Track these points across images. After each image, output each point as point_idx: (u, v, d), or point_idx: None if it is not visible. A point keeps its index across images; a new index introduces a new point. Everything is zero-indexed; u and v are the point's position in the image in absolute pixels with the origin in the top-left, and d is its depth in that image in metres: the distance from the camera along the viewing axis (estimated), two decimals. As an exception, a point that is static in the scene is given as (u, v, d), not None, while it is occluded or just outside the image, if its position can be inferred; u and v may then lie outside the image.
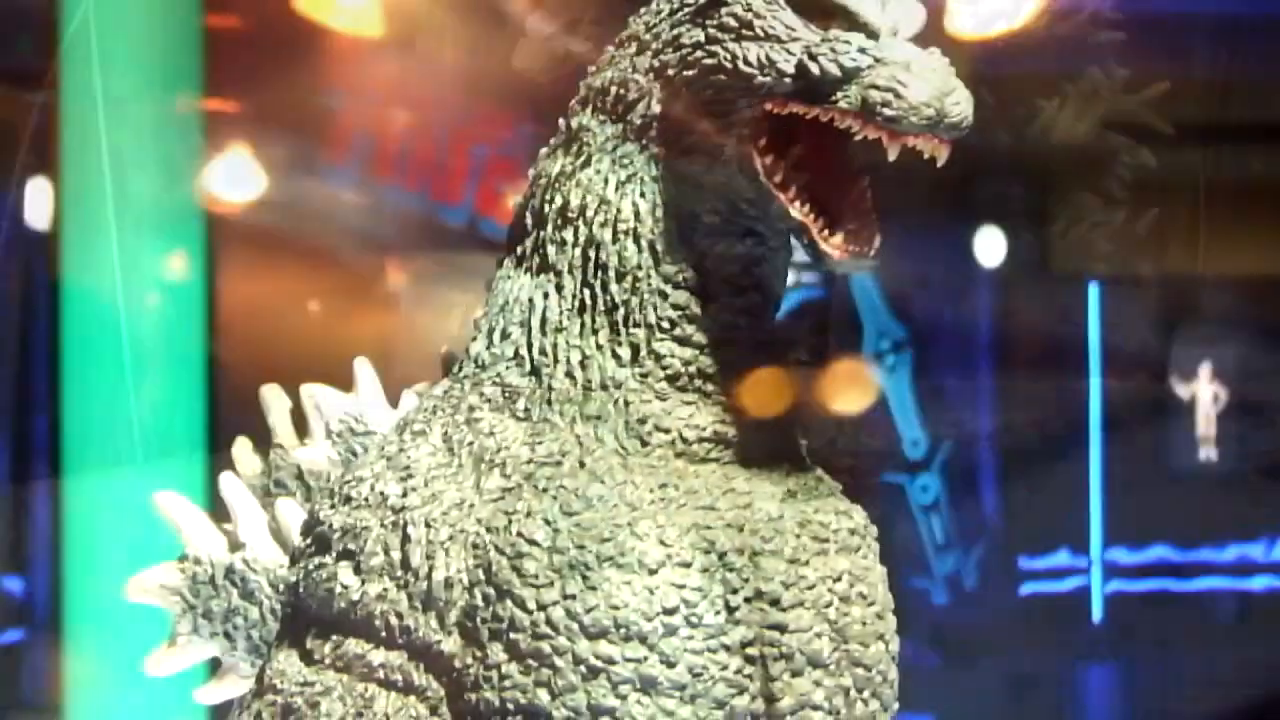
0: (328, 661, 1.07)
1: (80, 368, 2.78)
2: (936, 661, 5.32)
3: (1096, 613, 5.35)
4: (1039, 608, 5.00)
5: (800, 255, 1.15)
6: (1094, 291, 5.17)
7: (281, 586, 1.17)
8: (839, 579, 1.11)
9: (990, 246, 4.90)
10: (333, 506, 1.11)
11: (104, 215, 2.80)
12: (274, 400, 1.27)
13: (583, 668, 1.03)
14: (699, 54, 1.10)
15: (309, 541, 1.12)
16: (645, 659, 1.04)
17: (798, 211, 1.08)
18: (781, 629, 1.08)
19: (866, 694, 1.11)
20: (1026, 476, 5.02)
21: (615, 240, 1.11)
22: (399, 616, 1.06)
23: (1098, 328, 5.16)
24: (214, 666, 1.28)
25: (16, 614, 3.80)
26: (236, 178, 3.49)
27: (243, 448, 1.28)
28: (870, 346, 4.88)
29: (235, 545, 1.21)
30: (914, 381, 5.00)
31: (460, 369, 1.16)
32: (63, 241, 2.89)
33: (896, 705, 1.18)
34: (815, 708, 1.08)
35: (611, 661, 1.04)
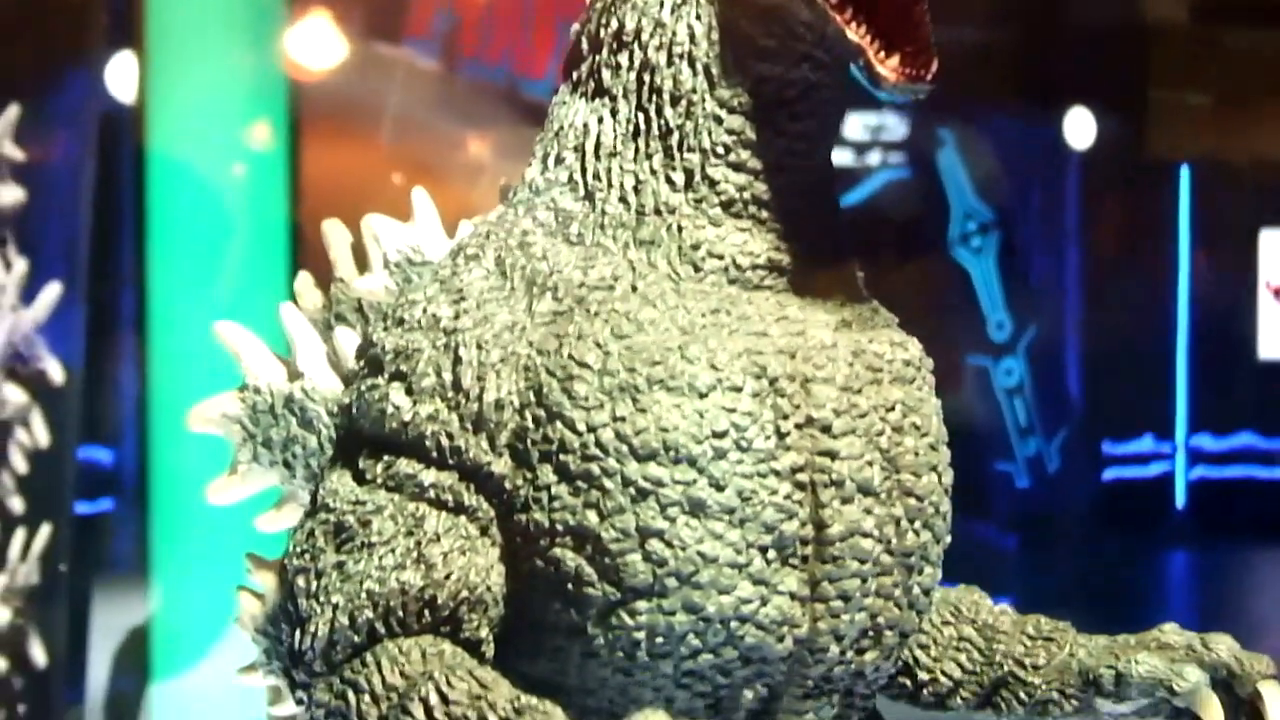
0: (379, 481, 1.08)
1: (166, 239, 2.80)
2: (1016, 544, 5.31)
3: (1179, 499, 5.33)
4: (1121, 493, 4.99)
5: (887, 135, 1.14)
6: (1185, 176, 5.11)
7: (336, 409, 1.18)
8: (892, 409, 1.10)
9: (1080, 129, 4.84)
10: (386, 329, 1.11)
11: (189, 86, 2.81)
12: (335, 235, 1.27)
13: (631, 489, 1.04)
14: None
15: (362, 364, 1.12)
16: (694, 482, 1.04)
17: (853, 34, 1.07)
18: (832, 456, 1.07)
19: (918, 524, 1.10)
20: (1112, 361, 4.98)
21: (670, 64, 1.10)
22: (450, 437, 1.06)
23: (1188, 213, 5.10)
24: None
25: (106, 483, 3.86)
26: (320, 48, 3.49)
27: (305, 283, 1.28)
28: (956, 229, 4.84)
29: (294, 374, 1.22)
30: (1000, 264, 4.96)
31: (515, 194, 1.16)
32: (148, 113, 2.91)
33: (949, 538, 1.17)
34: (865, 535, 1.07)
35: (660, 484, 1.04)
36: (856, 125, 4.81)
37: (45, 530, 2.19)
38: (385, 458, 1.08)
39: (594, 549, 1.04)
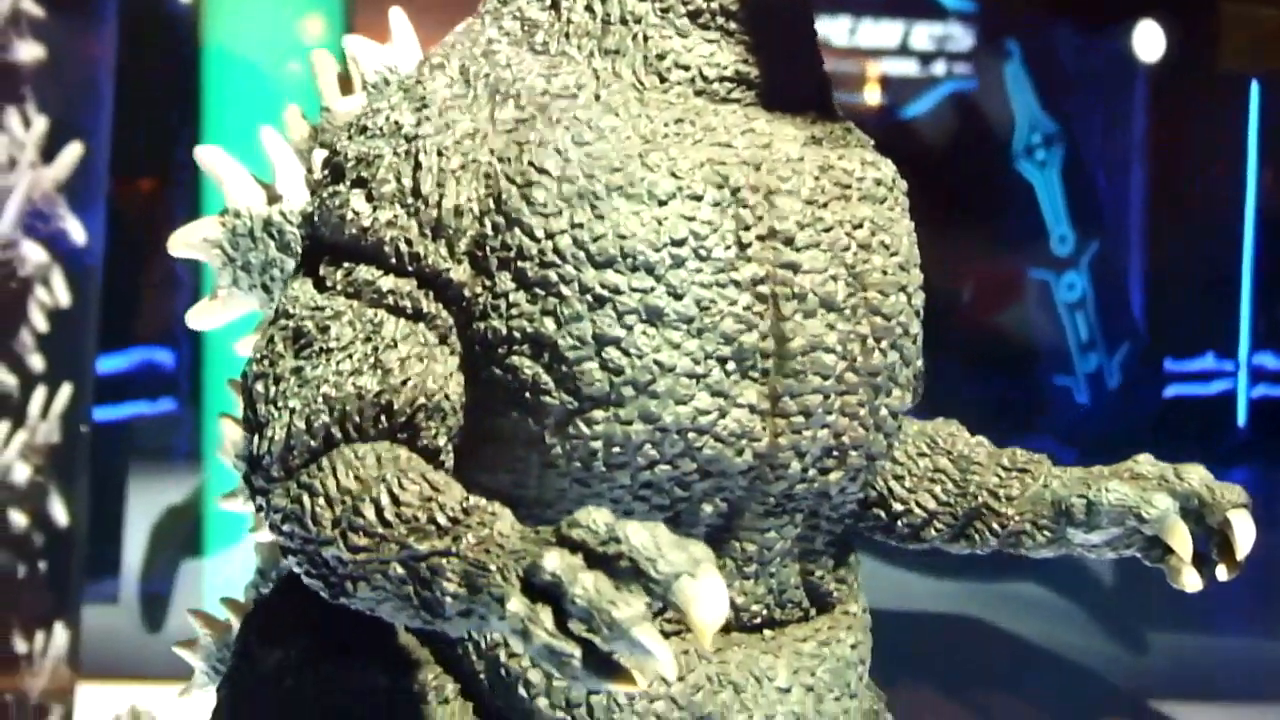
0: (339, 287, 1.07)
1: (223, 135, 2.81)
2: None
3: (1241, 417, 5.27)
4: (1182, 410, 4.94)
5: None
6: (1255, 91, 5.03)
7: (300, 219, 1.17)
8: (859, 226, 1.08)
9: (1149, 41, 4.77)
10: (350, 137, 1.11)
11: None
12: (323, 64, 1.27)
13: (589, 297, 1.03)
14: None
15: (325, 172, 1.12)
16: (652, 290, 1.03)
17: None
18: (794, 269, 1.06)
19: (885, 344, 1.09)
20: (1175, 278, 4.93)
21: None
22: (408, 243, 1.05)
23: (1257, 128, 5.02)
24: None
25: (168, 384, 3.89)
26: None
27: (293, 114, 1.27)
28: (1021, 140, 4.79)
29: (274, 198, 1.22)
30: (1064, 177, 4.91)
31: (484, 5, 1.15)
32: (206, 11, 2.91)
33: (920, 363, 1.16)
34: (828, 350, 1.06)
35: (618, 291, 1.03)
36: (922, 36, 4.76)
37: (66, 390, 2.20)
38: (345, 264, 1.08)
39: (551, 357, 1.03)
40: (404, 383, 1.04)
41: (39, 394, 2.17)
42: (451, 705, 1.09)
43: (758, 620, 1.12)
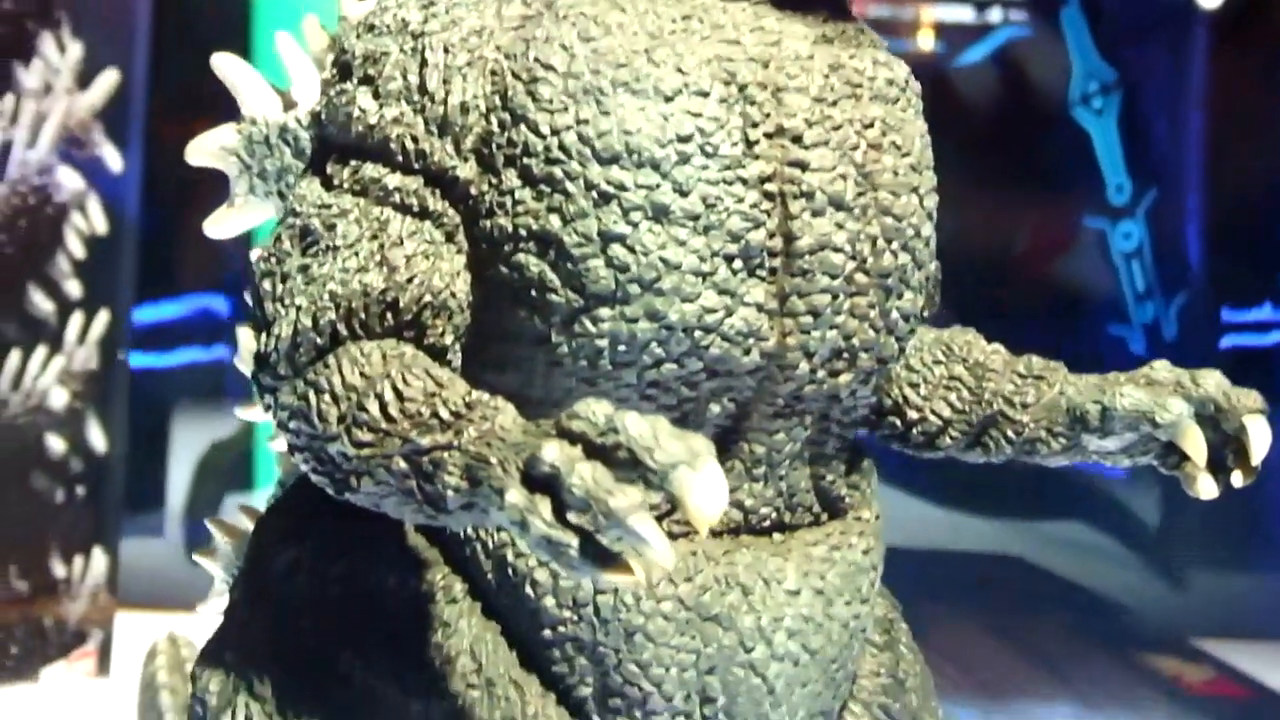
0: (346, 186, 1.07)
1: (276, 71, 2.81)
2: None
3: (1298, 367, 5.22)
4: (1238, 361, 4.89)
5: None
6: (1318, 37, 4.96)
7: (309, 119, 1.17)
8: (870, 125, 1.07)
9: (1210, -13, 4.71)
10: (357, 36, 1.10)
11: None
12: (340, -26, 1.26)
13: (594, 193, 1.02)
14: None
15: (333, 71, 1.12)
16: (657, 186, 1.02)
17: None
18: (802, 166, 1.05)
19: (896, 245, 1.08)
20: (1233, 227, 4.88)
21: None
22: (414, 140, 1.05)
23: (1319, 75, 4.95)
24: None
25: (222, 331, 3.91)
26: None
27: (311, 24, 1.27)
28: (1078, 88, 4.74)
29: (289, 105, 1.22)
30: (1121, 125, 4.86)
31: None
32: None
33: (934, 266, 1.15)
34: (836, 250, 1.05)
35: (623, 188, 1.02)
36: (979, -19, 4.71)
37: (104, 317, 2.21)
38: (352, 162, 1.08)
39: (557, 254, 1.03)
40: (410, 280, 1.04)
41: (76, 320, 2.19)
42: (460, 605, 1.09)
43: (767, 523, 1.12)
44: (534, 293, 1.04)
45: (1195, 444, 1.12)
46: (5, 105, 2.13)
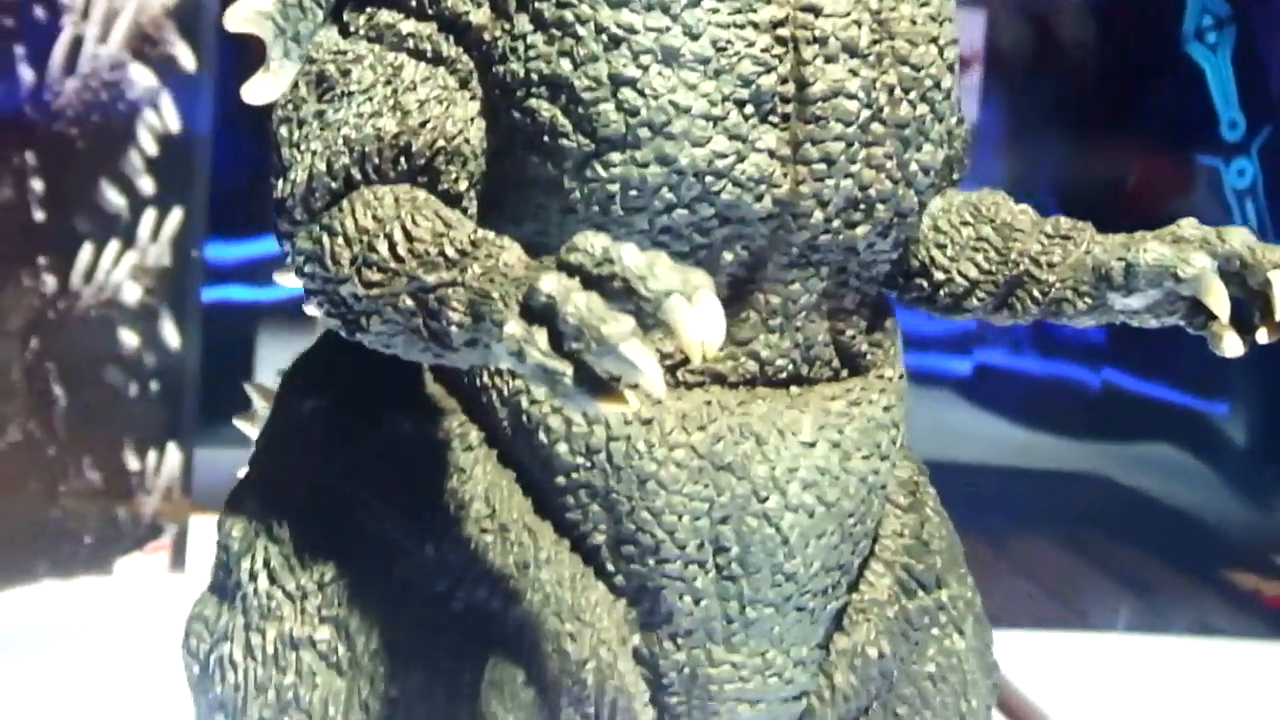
0: (361, 32, 1.08)
1: None
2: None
3: None
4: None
5: None
6: None
7: None
8: None
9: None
10: None
11: None
12: None
13: (604, 36, 1.02)
14: None
15: None
16: (667, 29, 1.02)
17: None
18: (815, 11, 1.04)
19: (914, 95, 1.07)
20: (1350, 163, 4.79)
21: None
22: None
23: None
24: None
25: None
26: None
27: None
28: (1191, 23, 4.67)
29: (322, -32, 1.23)
30: (1236, 61, 4.78)
31: None
32: None
33: (956, 121, 1.14)
34: (850, 97, 1.05)
35: (633, 30, 1.02)
36: (1091, -86, 4.65)
37: (177, 214, 2.24)
38: (367, 9, 1.09)
39: (568, 98, 1.03)
40: (423, 125, 1.05)
41: (149, 217, 2.21)
42: (475, 452, 1.10)
43: (783, 375, 1.12)
44: (546, 138, 1.04)
45: (1218, 297, 1.10)
46: (76, 0, 2.16)
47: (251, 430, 1.37)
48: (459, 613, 1.07)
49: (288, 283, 1.33)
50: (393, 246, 1.00)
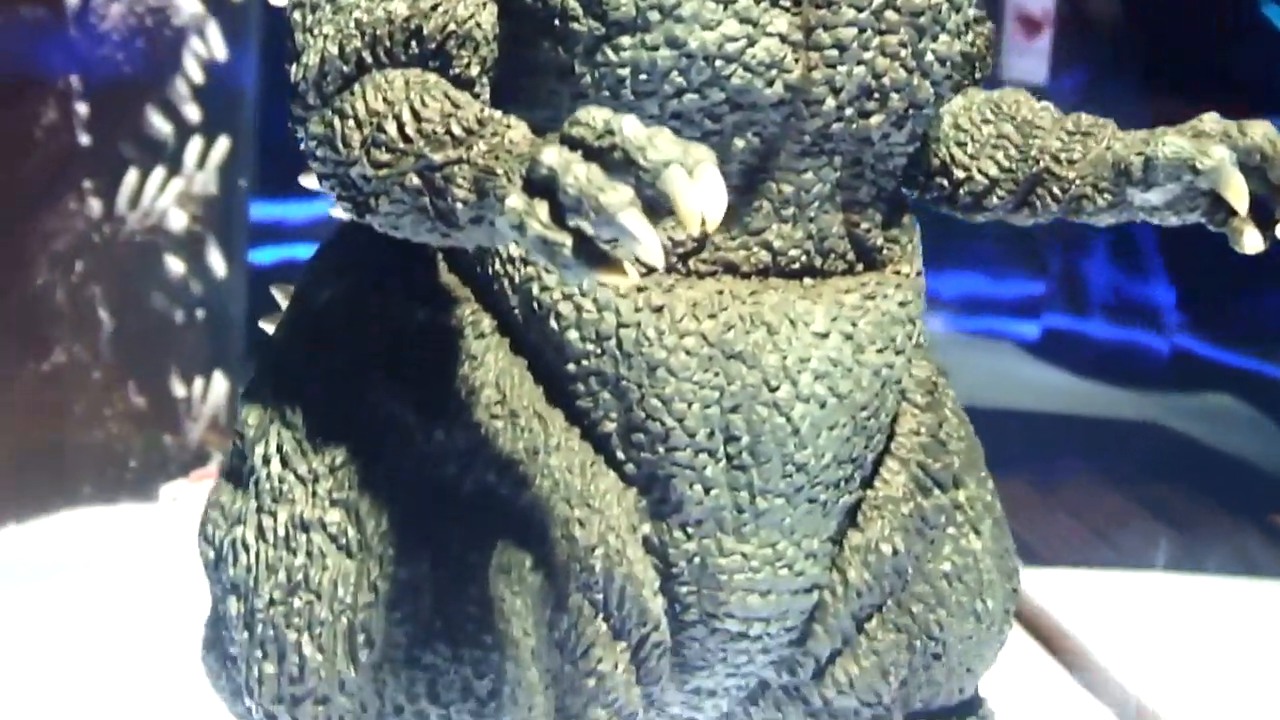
0: None
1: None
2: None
3: None
4: None
5: None
6: None
7: None
8: None
9: None
10: None
11: None
12: None
13: None
14: None
15: None
16: None
17: None
18: None
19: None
20: None
21: None
22: None
23: None
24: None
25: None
26: None
27: None
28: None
29: None
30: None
31: None
32: None
33: (974, 14, 1.13)
34: None
35: (643, -88, 1.03)
36: None
37: (224, 142, 2.25)
38: None
39: None
40: (434, 8, 1.05)
41: (195, 144, 2.23)
42: (487, 339, 1.10)
43: (796, 266, 1.11)
44: (556, 22, 1.04)
45: (1237, 190, 1.09)
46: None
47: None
48: (468, 497, 1.07)
49: (312, 184, 1.34)
50: (401, 127, 1.00)
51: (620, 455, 1.09)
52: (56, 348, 2.17)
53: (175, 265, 2.25)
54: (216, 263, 2.27)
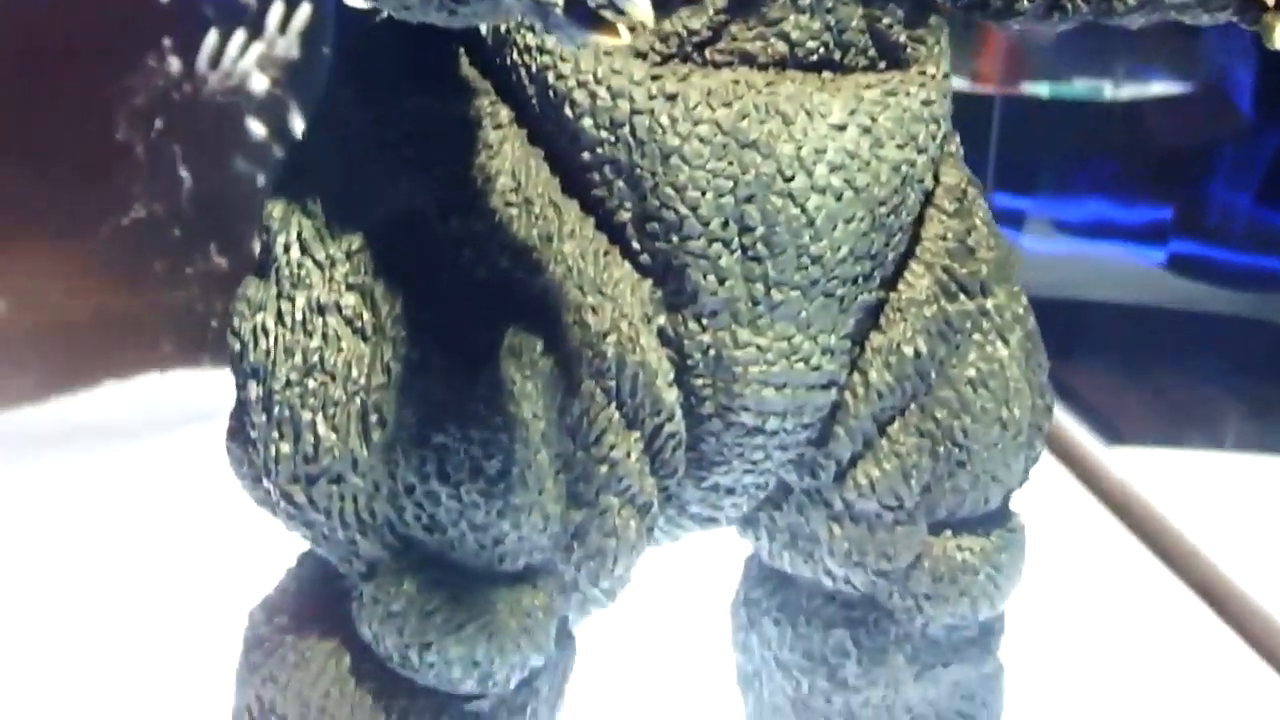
0: None
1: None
2: None
3: None
4: None
5: None
6: None
7: None
8: None
9: None
10: None
11: None
12: None
13: None
14: None
15: None
16: None
17: None
18: None
19: None
20: None
21: None
22: None
23: None
24: None
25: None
26: None
27: None
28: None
29: None
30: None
31: None
32: None
33: None
34: None
35: None
36: None
37: (306, 8, 2.27)
38: None
39: None
40: None
41: (277, 8, 2.24)
42: (504, 130, 1.10)
43: (814, 58, 1.10)
44: None
45: None
46: None
47: None
48: (481, 283, 1.08)
49: (357, 2, 1.35)
50: None
51: (635, 245, 1.09)
52: (136, 204, 2.20)
53: (256, 128, 2.27)
54: (299, 127, 2.29)
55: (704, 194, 1.07)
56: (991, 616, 1.25)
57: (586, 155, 1.09)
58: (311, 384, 1.08)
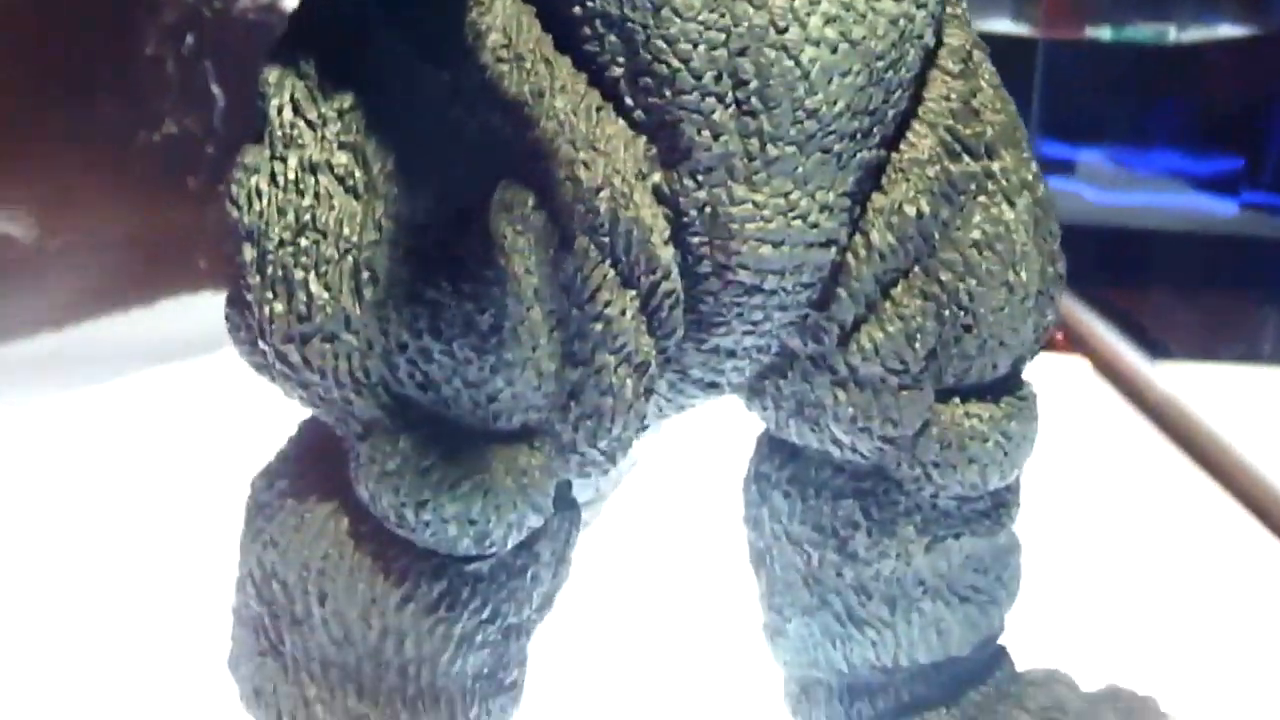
0: None
1: None
2: None
3: None
4: None
5: None
6: None
7: None
8: None
9: None
10: None
11: None
12: None
13: None
14: None
15: None
16: None
17: None
18: None
19: None
20: None
21: None
22: None
23: None
24: None
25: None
26: None
27: None
28: None
29: None
30: None
31: None
32: None
33: None
34: None
35: None
36: None
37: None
38: None
39: None
40: None
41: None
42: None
43: None
44: None
45: None
46: None
47: None
48: (472, 137, 1.07)
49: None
50: None
51: (629, 101, 1.08)
52: (167, 119, 2.20)
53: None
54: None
55: (696, 47, 1.06)
56: (1001, 486, 1.23)
57: (578, 9, 1.08)
58: (304, 242, 1.08)
